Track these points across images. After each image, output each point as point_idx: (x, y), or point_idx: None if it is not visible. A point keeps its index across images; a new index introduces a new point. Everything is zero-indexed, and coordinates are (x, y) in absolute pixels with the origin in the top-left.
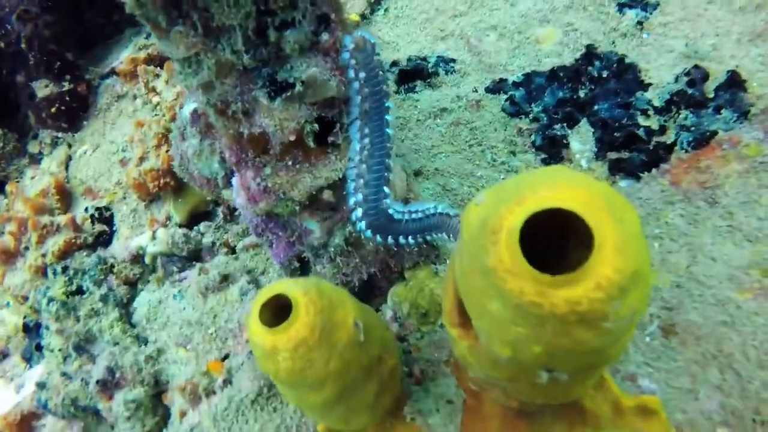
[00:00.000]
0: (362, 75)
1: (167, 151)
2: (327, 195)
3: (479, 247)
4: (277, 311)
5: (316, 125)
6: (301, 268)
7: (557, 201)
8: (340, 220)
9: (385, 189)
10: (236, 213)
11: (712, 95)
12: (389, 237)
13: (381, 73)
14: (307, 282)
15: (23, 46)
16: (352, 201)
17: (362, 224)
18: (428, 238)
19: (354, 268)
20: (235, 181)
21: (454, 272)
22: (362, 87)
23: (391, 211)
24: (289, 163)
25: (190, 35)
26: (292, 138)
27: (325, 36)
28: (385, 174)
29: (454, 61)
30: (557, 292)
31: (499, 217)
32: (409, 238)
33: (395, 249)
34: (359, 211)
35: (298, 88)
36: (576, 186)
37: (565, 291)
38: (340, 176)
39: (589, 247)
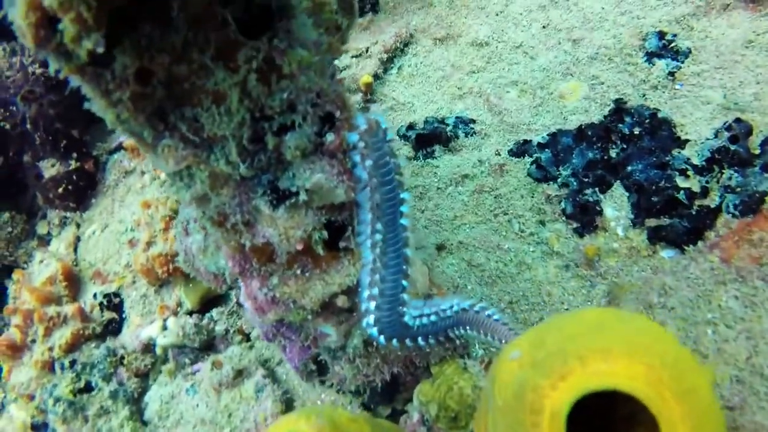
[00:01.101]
0: (369, 162)
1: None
2: (341, 301)
3: (517, 422)
4: None
5: (324, 232)
6: (318, 369)
7: (611, 379)
8: (358, 321)
9: (402, 296)
10: None
11: (758, 151)
12: (406, 341)
13: (392, 160)
14: (321, 417)
15: (29, 126)
16: (363, 309)
17: (374, 332)
18: (450, 335)
19: (375, 369)
20: (242, 287)
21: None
22: (370, 175)
23: (406, 317)
24: (298, 271)
25: (180, 148)
26: (300, 247)
27: (330, 137)
28: (402, 279)
29: (473, 121)
30: None
31: (539, 393)
32: (429, 338)
33: (416, 350)
34: (371, 319)
35: (303, 197)
36: (634, 354)
37: None
38: (355, 281)
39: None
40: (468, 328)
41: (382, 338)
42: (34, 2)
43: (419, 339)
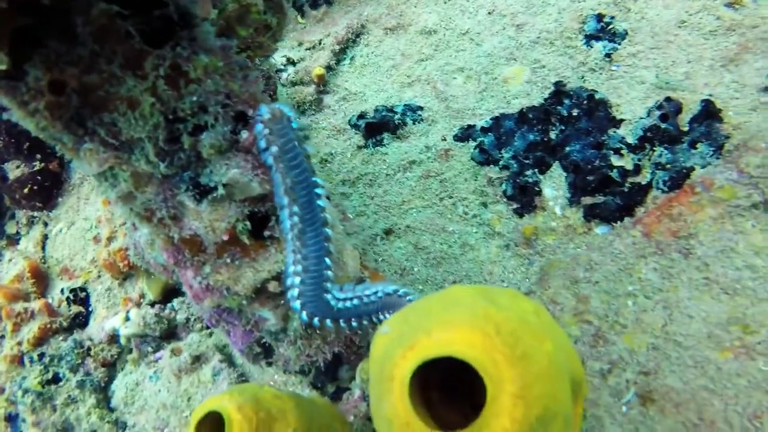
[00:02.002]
0: (275, 148)
1: None
2: (273, 287)
3: (379, 392)
4: (218, 425)
5: (248, 223)
6: (264, 351)
7: (448, 347)
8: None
9: (326, 273)
10: None
11: (686, 128)
12: (329, 321)
13: (299, 145)
14: (243, 394)
15: None
16: (288, 284)
17: (299, 310)
18: (374, 320)
19: (317, 349)
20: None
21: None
22: (278, 160)
23: (329, 298)
24: (228, 260)
25: (101, 151)
26: (225, 238)
27: (244, 134)
28: (324, 257)
29: (421, 108)
30: None
31: (393, 362)
32: (352, 321)
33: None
34: (296, 298)
35: (220, 191)
36: (473, 324)
37: None
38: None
39: None
40: (389, 312)
41: (304, 314)
42: None
43: (341, 321)
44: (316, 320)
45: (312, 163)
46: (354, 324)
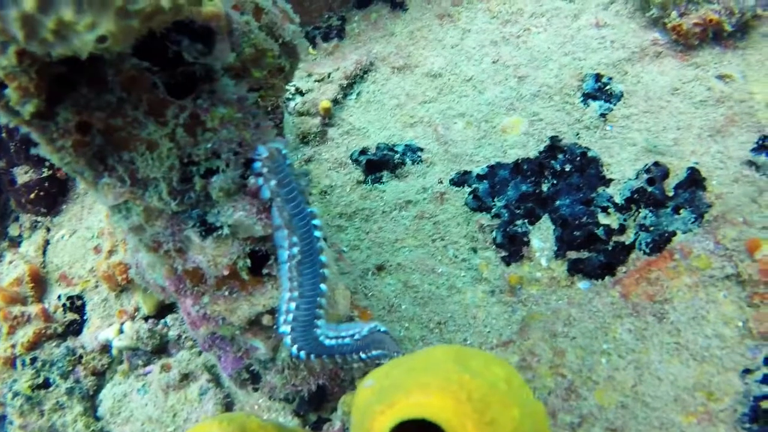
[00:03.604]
0: (273, 182)
1: None
2: (266, 320)
3: None
4: None
5: (248, 260)
6: (251, 378)
7: (423, 409)
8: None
9: (317, 311)
10: None
11: (672, 193)
12: (322, 357)
13: (294, 179)
14: (232, 423)
15: (4, 135)
16: (281, 321)
17: (294, 350)
18: (363, 357)
19: (303, 380)
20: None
21: None
22: (275, 194)
23: (320, 336)
24: (226, 293)
25: (117, 186)
26: (226, 273)
27: (252, 180)
28: (317, 295)
29: (421, 150)
30: None
31: (372, 417)
32: (346, 357)
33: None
34: (288, 335)
35: (225, 231)
36: (447, 389)
37: None
38: (278, 303)
39: None
40: (374, 348)
41: (294, 349)
42: None
43: (336, 357)
44: (302, 354)
45: (309, 198)
46: (339, 360)
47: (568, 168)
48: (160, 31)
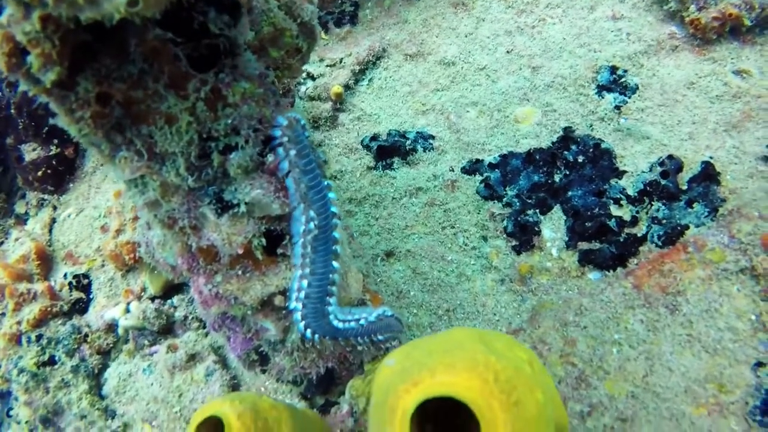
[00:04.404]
0: (293, 152)
1: None
2: (279, 300)
3: (380, 419)
4: (215, 429)
5: (263, 239)
6: (260, 359)
7: (450, 388)
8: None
9: (330, 288)
10: None
11: (685, 187)
12: (330, 338)
13: (313, 151)
14: (243, 403)
15: (13, 111)
16: (293, 301)
17: (302, 327)
18: (374, 339)
19: (311, 362)
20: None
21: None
22: (294, 165)
23: (331, 317)
24: (240, 272)
25: (134, 160)
26: (240, 251)
27: (270, 157)
28: (330, 274)
29: (433, 137)
30: None
31: (397, 395)
32: (357, 338)
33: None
34: (299, 315)
35: (242, 209)
36: (473, 369)
37: None
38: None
39: None
40: (380, 332)
41: (308, 332)
42: (7, 34)
43: (340, 339)
44: (316, 336)
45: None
46: (353, 342)
47: (581, 159)
48: (188, 0)
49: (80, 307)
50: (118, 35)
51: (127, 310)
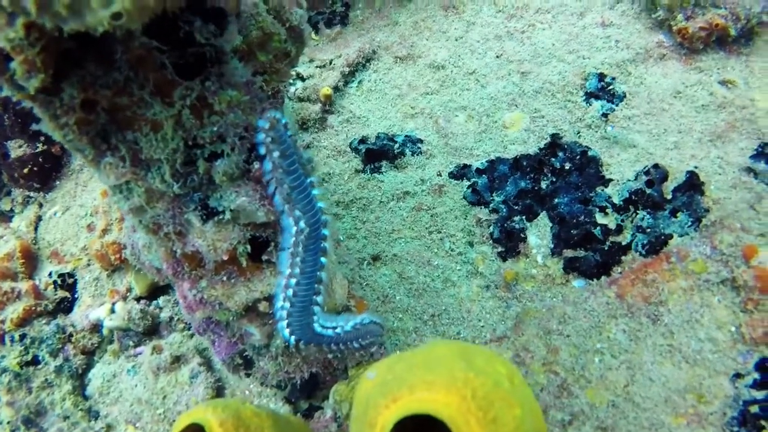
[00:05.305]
0: (276, 153)
1: None
2: (263, 306)
3: (360, 431)
4: None
5: (248, 246)
6: (245, 363)
7: (428, 405)
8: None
9: (316, 298)
10: None
11: (670, 196)
12: (314, 345)
13: (296, 149)
14: (226, 410)
15: None
16: (279, 300)
17: (286, 334)
18: (356, 345)
19: (296, 367)
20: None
21: None
22: (277, 166)
23: (316, 326)
24: (225, 278)
25: (120, 166)
26: (225, 258)
27: (256, 165)
28: (318, 272)
29: (421, 141)
30: None
31: (377, 410)
32: (339, 345)
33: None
34: (284, 323)
35: (227, 216)
36: (452, 386)
37: None
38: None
39: None
40: (363, 338)
41: (292, 338)
42: None
43: (325, 347)
44: (301, 344)
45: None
46: (334, 348)
47: (567, 166)
48: (173, 11)
49: (65, 306)
50: (103, 43)
51: (113, 311)
